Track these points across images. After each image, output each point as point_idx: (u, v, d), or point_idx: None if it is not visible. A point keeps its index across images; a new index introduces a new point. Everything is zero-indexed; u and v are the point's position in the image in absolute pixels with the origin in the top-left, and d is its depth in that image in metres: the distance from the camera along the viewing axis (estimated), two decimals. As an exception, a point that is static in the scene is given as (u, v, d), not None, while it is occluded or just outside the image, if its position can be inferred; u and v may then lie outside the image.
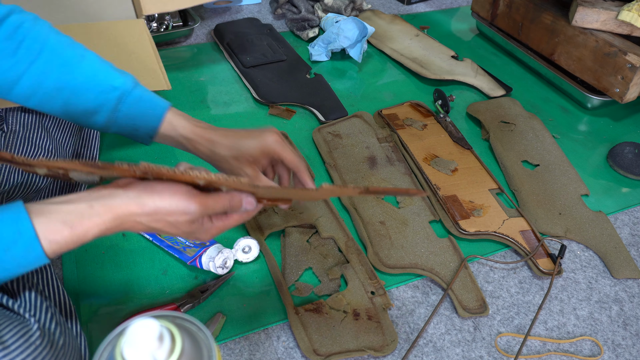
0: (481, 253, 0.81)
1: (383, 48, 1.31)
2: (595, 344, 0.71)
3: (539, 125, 1.07)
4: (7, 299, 0.52)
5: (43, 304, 0.53)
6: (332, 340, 0.67)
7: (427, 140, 1.01)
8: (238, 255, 0.75)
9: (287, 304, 0.70)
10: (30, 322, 0.50)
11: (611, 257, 0.82)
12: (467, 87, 1.20)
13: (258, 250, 0.76)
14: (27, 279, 0.54)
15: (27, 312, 0.51)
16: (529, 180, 0.94)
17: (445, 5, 1.61)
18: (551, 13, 1.17)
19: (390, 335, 0.68)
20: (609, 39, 1.06)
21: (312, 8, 1.41)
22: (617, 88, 1.05)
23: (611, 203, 0.92)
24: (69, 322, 0.60)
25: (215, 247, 0.74)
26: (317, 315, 0.69)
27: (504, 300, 0.75)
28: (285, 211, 0.83)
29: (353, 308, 0.71)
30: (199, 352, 0.41)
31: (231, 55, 1.23)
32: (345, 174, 0.92)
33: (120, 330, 0.40)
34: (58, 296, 0.61)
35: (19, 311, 0.51)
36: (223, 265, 0.73)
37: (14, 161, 0.47)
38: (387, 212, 0.85)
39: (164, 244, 0.77)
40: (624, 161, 1.00)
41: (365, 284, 0.74)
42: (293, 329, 0.68)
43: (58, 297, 0.61)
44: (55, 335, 0.52)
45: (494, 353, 0.69)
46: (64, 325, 0.55)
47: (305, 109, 1.10)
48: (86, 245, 0.77)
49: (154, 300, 0.71)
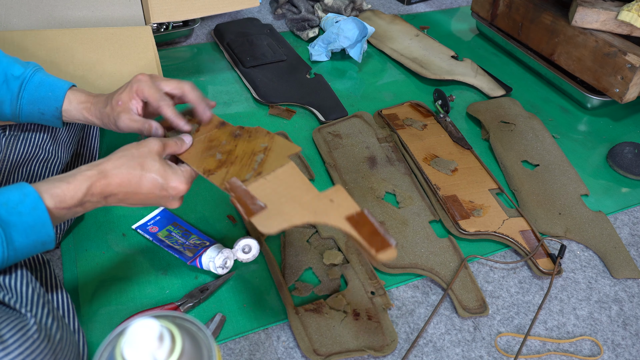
0: (481, 253, 0.81)
1: (383, 48, 1.31)
2: (595, 344, 0.71)
3: (538, 125, 1.07)
4: (3, 295, 0.53)
5: (40, 300, 0.54)
6: (332, 340, 0.67)
7: (427, 140, 1.01)
8: (238, 255, 0.75)
9: (287, 304, 0.70)
10: (27, 317, 0.51)
11: (611, 257, 0.82)
12: (467, 87, 1.20)
13: (258, 250, 0.76)
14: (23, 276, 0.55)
15: (24, 307, 0.52)
16: (529, 180, 0.94)
17: (445, 5, 1.61)
18: (551, 13, 1.17)
19: (390, 335, 0.68)
20: (609, 39, 1.06)
21: (312, 8, 1.41)
22: (616, 88, 1.05)
23: (611, 203, 0.92)
24: (67, 318, 0.61)
25: (216, 247, 0.74)
26: (317, 315, 0.69)
27: (503, 300, 0.75)
28: None
29: (353, 308, 0.71)
30: (199, 352, 0.41)
31: (231, 55, 1.23)
32: (345, 174, 0.92)
33: (120, 330, 0.40)
34: (56, 292, 0.62)
35: (15, 307, 0.52)
36: (223, 265, 0.73)
37: None
38: (387, 212, 0.85)
39: (164, 244, 0.77)
40: (623, 161, 1.00)
41: (365, 284, 0.74)
42: (293, 329, 0.68)
43: (56, 293, 0.62)
44: (52, 330, 0.52)
45: (493, 353, 0.69)
46: (61, 321, 0.55)
47: (305, 109, 1.10)
48: (86, 245, 0.77)
49: (154, 300, 0.71)
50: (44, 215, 0.50)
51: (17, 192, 0.50)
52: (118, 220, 0.81)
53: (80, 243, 0.78)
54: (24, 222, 0.49)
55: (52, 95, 0.65)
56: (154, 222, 0.80)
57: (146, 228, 0.79)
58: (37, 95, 0.65)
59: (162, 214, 0.82)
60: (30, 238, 0.50)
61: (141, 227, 0.80)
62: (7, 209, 0.49)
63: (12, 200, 0.49)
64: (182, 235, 0.78)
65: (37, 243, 0.51)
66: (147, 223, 0.80)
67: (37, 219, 0.50)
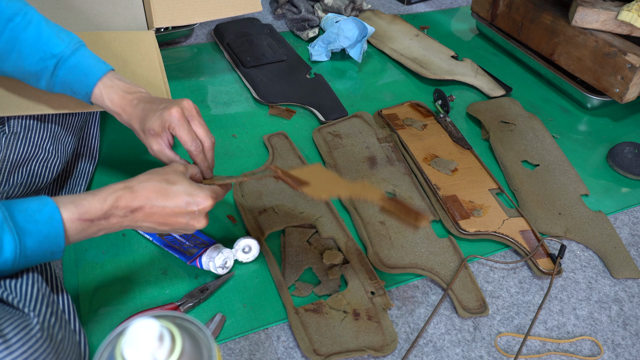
0: (481, 253, 0.81)
1: (383, 48, 1.31)
2: (595, 344, 0.71)
3: (538, 125, 1.07)
4: (7, 294, 0.53)
5: (44, 300, 0.54)
6: (332, 340, 0.67)
7: (427, 140, 1.01)
8: (238, 255, 0.75)
9: (287, 304, 0.70)
10: (30, 316, 0.51)
11: (611, 257, 0.82)
12: (467, 87, 1.20)
13: (258, 250, 0.76)
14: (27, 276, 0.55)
15: (27, 307, 0.52)
16: (529, 180, 0.94)
17: (445, 5, 1.61)
18: (551, 13, 1.17)
19: (390, 335, 0.68)
20: (609, 39, 1.06)
21: (312, 8, 1.41)
22: (616, 88, 1.05)
23: (611, 203, 0.92)
24: (68, 318, 0.61)
25: (215, 247, 0.74)
26: (317, 315, 0.69)
27: (503, 300, 0.75)
28: (285, 211, 0.83)
29: (353, 308, 0.71)
30: (199, 352, 0.41)
31: (231, 55, 1.23)
32: (346, 174, 0.92)
33: (120, 330, 0.40)
34: (57, 293, 0.62)
35: (19, 306, 0.52)
36: (223, 265, 0.73)
37: None
38: (387, 212, 0.85)
39: (163, 243, 0.77)
40: (623, 161, 1.00)
41: (365, 284, 0.74)
42: (293, 329, 0.68)
43: (57, 294, 0.62)
44: (54, 330, 0.53)
45: (493, 353, 0.69)
46: (63, 321, 0.56)
47: (305, 108, 1.10)
48: (86, 245, 0.77)
49: (154, 300, 0.71)
50: (58, 226, 0.51)
51: (37, 202, 0.51)
52: (118, 220, 0.81)
53: (80, 243, 0.78)
54: (39, 231, 0.50)
55: (85, 81, 0.66)
56: (154, 222, 0.80)
57: None
58: (70, 77, 0.66)
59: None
60: (42, 247, 0.51)
61: None
62: (25, 216, 0.50)
63: (31, 208, 0.51)
64: (182, 235, 0.78)
65: (47, 252, 0.52)
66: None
67: (52, 228, 0.51)
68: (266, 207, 0.84)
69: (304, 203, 0.85)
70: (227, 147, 0.98)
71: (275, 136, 1.00)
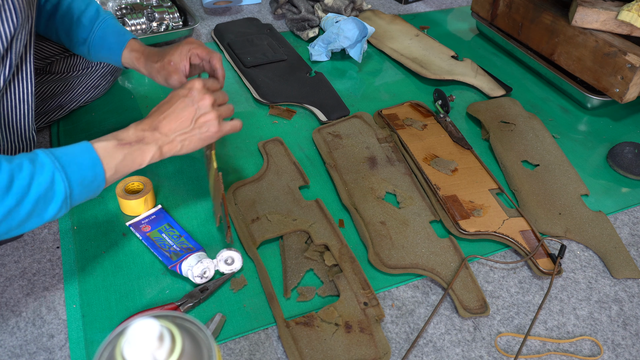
0: (481, 253, 0.81)
1: (383, 48, 1.31)
2: (595, 344, 0.71)
3: (539, 125, 1.07)
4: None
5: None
6: (324, 354, 0.65)
7: (427, 140, 1.01)
8: (220, 266, 0.74)
9: (277, 317, 0.69)
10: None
11: (611, 257, 0.82)
12: (467, 87, 1.20)
13: (241, 263, 0.75)
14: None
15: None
16: (529, 180, 0.94)
17: (445, 5, 1.61)
18: (551, 13, 1.17)
19: (383, 347, 0.67)
20: (609, 39, 1.06)
21: (312, 8, 1.41)
22: (616, 88, 1.05)
23: (611, 203, 0.92)
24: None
25: (197, 256, 0.73)
26: (307, 328, 0.68)
27: (504, 300, 0.75)
28: (278, 219, 0.82)
29: (345, 320, 0.69)
30: (199, 352, 0.41)
31: (231, 55, 1.23)
32: (346, 174, 0.92)
33: (120, 330, 0.40)
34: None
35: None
36: (202, 275, 0.72)
37: None
38: (387, 213, 0.85)
39: (151, 242, 0.76)
40: (623, 161, 1.00)
41: (358, 295, 0.72)
42: (283, 343, 0.66)
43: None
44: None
45: (494, 353, 0.69)
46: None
47: (306, 109, 1.10)
48: (86, 245, 0.77)
49: (154, 300, 0.71)
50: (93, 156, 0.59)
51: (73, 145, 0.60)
52: (118, 220, 0.81)
53: (80, 243, 0.78)
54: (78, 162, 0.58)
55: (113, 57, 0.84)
56: (148, 220, 0.80)
57: (139, 226, 0.79)
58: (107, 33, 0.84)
59: (158, 213, 0.82)
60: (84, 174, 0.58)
61: (134, 225, 0.80)
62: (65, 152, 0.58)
63: (68, 148, 0.59)
64: (171, 237, 0.78)
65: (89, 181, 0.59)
66: (141, 221, 0.80)
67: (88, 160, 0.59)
68: (259, 215, 0.83)
69: (297, 210, 0.84)
70: (227, 147, 0.98)
71: (271, 142, 0.98)
